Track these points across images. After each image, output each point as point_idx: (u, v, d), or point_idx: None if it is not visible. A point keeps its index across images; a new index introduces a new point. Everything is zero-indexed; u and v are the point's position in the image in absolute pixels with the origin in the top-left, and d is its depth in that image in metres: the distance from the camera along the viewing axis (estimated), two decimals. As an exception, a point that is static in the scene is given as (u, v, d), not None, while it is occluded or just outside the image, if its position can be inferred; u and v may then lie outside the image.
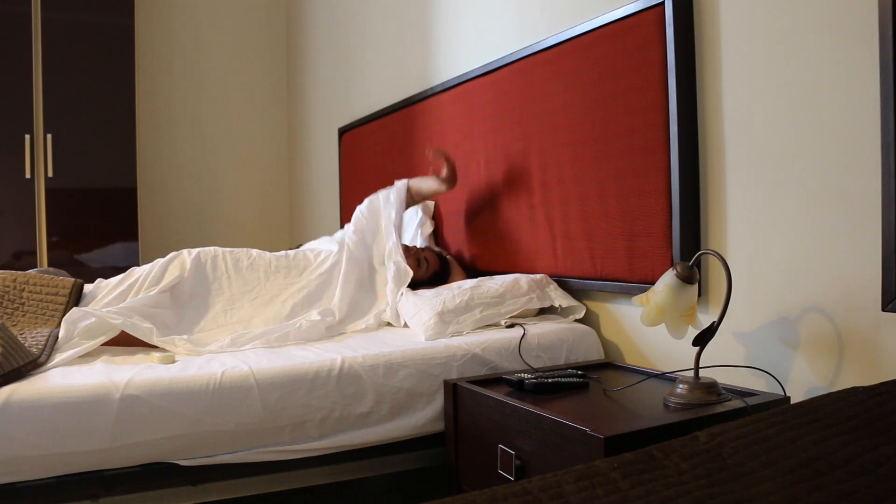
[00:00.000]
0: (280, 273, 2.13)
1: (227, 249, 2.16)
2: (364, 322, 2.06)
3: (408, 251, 2.27)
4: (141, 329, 1.74)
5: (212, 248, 2.14)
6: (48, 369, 1.49)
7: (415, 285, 2.17)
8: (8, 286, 1.80)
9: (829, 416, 0.92)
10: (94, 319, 1.69)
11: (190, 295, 2.00)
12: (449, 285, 2.07)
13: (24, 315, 1.75)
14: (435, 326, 1.82)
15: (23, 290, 1.81)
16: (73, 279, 1.91)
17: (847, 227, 1.34)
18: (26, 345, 1.56)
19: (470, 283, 2.02)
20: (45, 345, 1.58)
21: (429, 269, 2.27)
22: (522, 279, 1.97)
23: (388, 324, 2.12)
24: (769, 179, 1.48)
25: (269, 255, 2.18)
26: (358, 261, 2.23)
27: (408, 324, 1.97)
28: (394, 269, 2.15)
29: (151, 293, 1.90)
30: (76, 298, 1.88)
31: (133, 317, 1.77)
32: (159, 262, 2.05)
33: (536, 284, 1.96)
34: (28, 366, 1.44)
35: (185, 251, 2.10)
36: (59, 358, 1.55)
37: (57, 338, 1.64)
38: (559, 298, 1.95)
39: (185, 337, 1.79)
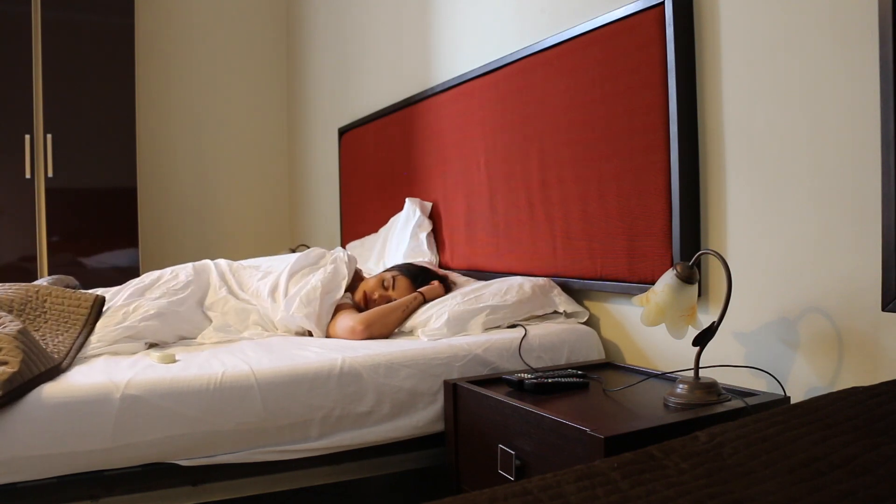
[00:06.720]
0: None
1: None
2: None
3: (374, 279, 2.13)
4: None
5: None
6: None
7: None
8: (31, 296, 1.83)
9: (829, 416, 0.92)
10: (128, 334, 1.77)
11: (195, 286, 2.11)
12: (453, 293, 2.05)
13: (45, 322, 1.77)
14: (441, 334, 1.82)
15: (45, 300, 1.83)
16: (94, 294, 1.93)
17: (847, 227, 1.34)
18: (48, 350, 1.57)
19: (474, 286, 2.03)
20: (68, 353, 1.61)
21: (396, 291, 2.07)
22: (527, 284, 1.96)
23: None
24: (769, 179, 1.48)
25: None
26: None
27: (413, 331, 1.95)
28: (331, 268, 2.09)
29: (174, 297, 1.99)
30: (97, 313, 1.88)
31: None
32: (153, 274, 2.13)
33: (541, 290, 1.95)
34: (50, 371, 1.45)
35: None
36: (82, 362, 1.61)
37: (81, 346, 1.67)
38: (563, 304, 1.95)
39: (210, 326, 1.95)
